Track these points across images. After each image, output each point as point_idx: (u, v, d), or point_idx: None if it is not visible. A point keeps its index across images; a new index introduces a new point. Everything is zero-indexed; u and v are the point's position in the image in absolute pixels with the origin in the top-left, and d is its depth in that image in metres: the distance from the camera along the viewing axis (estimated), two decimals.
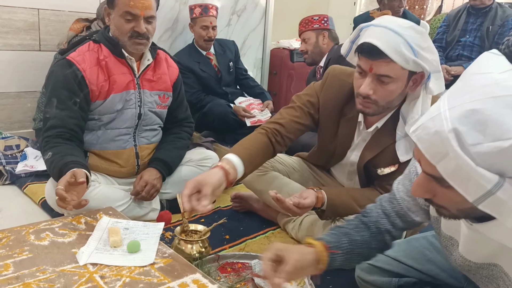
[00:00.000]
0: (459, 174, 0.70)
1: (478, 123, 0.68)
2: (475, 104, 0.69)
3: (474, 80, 0.72)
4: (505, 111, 0.67)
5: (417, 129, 0.76)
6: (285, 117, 1.64)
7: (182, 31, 3.73)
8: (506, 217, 0.72)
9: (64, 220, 1.51)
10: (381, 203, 1.19)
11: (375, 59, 1.37)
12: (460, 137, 0.69)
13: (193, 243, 1.52)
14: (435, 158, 0.73)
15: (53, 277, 1.17)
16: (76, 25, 2.86)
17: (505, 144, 0.66)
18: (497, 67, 0.73)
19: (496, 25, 3.41)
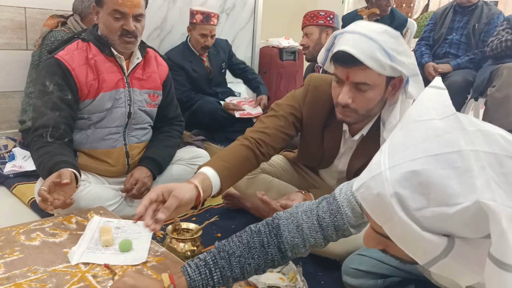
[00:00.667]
0: (406, 239, 0.66)
1: (420, 186, 0.62)
2: (416, 164, 0.63)
3: (415, 129, 0.67)
4: (447, 172, 0.61)
5: (360, 188, 0.70)
6: (270, 126, 1.58)
7: (171, 30, 3.72)
8: (458, 277, 0.68)
9: (54, 220, 1.50)
10: (317, 213, 1.09)
11: (350, 67, 1.34)
12: (403, 202, 0.63)
13: (185, 241, 1.52)
14: (381, 220, 0.68)
15: (45, 277, 1.16)
16: (51, 21, 2.82)
17: (450, 211, 0.61)
18: (439, 109, 0.67)
19: (482, 23, 3.45)
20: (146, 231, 1.43)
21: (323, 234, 1.08)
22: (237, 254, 1.05)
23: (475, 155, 0.61)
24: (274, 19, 4.59)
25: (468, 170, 0.60)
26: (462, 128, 0.63)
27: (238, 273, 1.05)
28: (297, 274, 1.46)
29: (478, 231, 0.62)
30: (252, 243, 1.07)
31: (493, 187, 0.59)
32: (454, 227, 0.62)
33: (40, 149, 1.65)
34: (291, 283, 1.43)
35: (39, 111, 1.71)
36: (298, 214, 1.10)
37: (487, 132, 0.64)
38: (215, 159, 1.45)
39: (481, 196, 0.59)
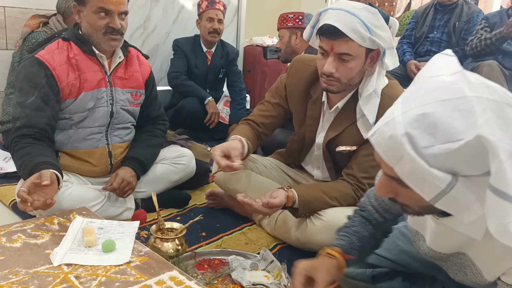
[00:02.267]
0: (414, 176, 0.74)
1: (429, 126, 0.71)
2: (426, 108, 0.72)
3: (425, 83, 0.76)
4: (453, 114, 0.70)
5: (374, 133, 0.79)
6: (255, 113, 1.84)
7: (154, 29, 3.70)
8: (461, 213, 0.75)
9: (36, 222, 1.48)
10: (369, 198, 1.24)
11: (335, 39, 1.47)
12: (413, 141, 0.72)
13: (169, 241, 1.52)
14: (392, 161, 0.76)
15: (27, 279, 1.15)
16: (32, 21, 2.78)
17: (454, 146, 0.69)
18: (447, 69, 0.75)
19: (462, 21, 3.50)
20: (129, 231, 1.44)
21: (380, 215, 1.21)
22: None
23: (478, 100, 0.70)
24: (258, 18, 4.59)
25: (470, 112, 0.69)
26: (467, 80, 0.72)
27: None
28: (282, 272, 1.47)
29: (479, 167, 0.70)
30: None
31: (493, 125, 0.68)
32: (457, 163, 0.70)
33: (21, 150, 1.62)
34: (276, 281, 1.44)
35: (19, 111, 1.68)
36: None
37: (490, 84, 0.72)
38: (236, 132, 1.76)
39: (481, 131, 0.67)
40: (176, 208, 2.08)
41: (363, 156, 1.62)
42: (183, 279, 1.18)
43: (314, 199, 1.61)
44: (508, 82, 2.89)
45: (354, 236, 1.19)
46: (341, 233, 1.22)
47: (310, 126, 1.75)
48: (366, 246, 1.20)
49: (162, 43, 3.78)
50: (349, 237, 1.19)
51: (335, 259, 1.14)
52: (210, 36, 3.35)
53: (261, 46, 4.35)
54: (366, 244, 1.20)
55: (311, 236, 1.62)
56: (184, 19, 3.89)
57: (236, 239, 1.82)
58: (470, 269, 0.98)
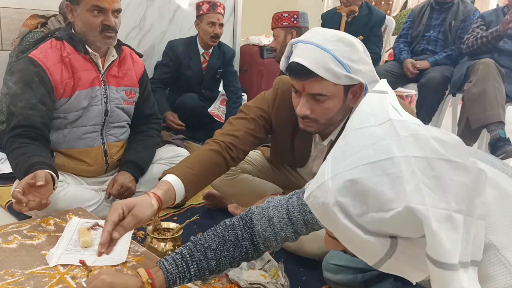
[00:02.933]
0: (353, 243, 0.70)
1: (359, 193, 0.66)
2: (354, 173, 0.67)
3: (354, 138, 0.71)
4: (381, 179, 0.65)
5: (309, 197, 0.73)
6: (240, 129, 1.55)
7: (150, 29, 3.69)
8: (408, 276, 0.71)
9: (32, 222, 1.48)
10: (287, 208, 1.11)
11: (305, 79, 1.33)
12: (344, 209, 0.67)
13: (166, 241, 1.52)
14: (329, 227, 0.72)
15: (23, 280, 1.14)
16: (31, 21, 2.77)
17: (386, 216, 0.64)
18: (377, 116, 0.71)
19: (458, 20, 3.50)
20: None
21: (293, 228, 1.10)
22: (213, 247, 1.07)
23: (405, 161, 0.64)
24: (254, 17, 4.59)
25: (399, 177, 0.64)
26: (396, 134, 0.67)
27: (214, 265, 1.07)
28: (279, 271, 1.47)
29: (416, 232, 0.64)
30: (227, 236, 1.09)
31: (423, 190, 0.62)
32: (394, 229, 0.65)
33: (16, 150, 1.62)
34: (273, 280, 1.43)
35: (13, 111, 1.68)
36: (269, 208, 1.12)
37: (420, 136, 0.66)
38: (181, 165, 1.42)
39: (410, 201, 0.62)
40: (172, 208, 2.08)
41: None
42: None
43: None
44: (504, 80, 2.89)
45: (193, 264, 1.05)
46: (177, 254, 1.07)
47: (300, 156, 1.68)
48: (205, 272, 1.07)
49: (158, 43, 3.77)
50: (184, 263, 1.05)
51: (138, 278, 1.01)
52: (210, 40, 3.31)
53: (258, 45, 4.34)
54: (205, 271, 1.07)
55: (301, 245, 1.61)
56: (180, 19, 3.88)
57: None
58: None
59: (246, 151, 1.57)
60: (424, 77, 3.33)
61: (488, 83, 2.80)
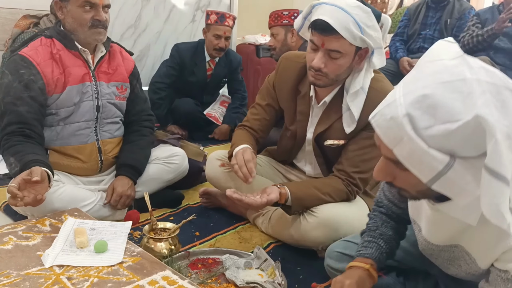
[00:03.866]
0: (413, 157, 0.75)
1: (429, 107, 0.73)
2: (426, 89, 0.73)
3: (426, 67, 0.77)
4: (453, 95, 0.71)
5: (375, 116, 0.80)
6: (249, 118, 1.85)
7: (145, 28, 3.68)
8: (457, 195, 0.77)
9: (28, 223, 1.47)
10: (383, 191, 1.26)
11: (327, 35, 1.47)
12: (413, 121, 0.73)
13: (162, 241, 1.52)
14: (392, 143, 0.77)
15: (18, 281, 1.14)
16: (23, 22, 2.76)
17: (453, 126, 0.71)
18: (448, 54, 0.77)
19: (454, 18, 3.51)
20: (121, 231, 1.43)
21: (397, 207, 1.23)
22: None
23: (477, 82, 0.72)
24: (250, 16, 4.58)
25: (470, 93, 0.71)
26: (468, 64, 0.74)
27: None
28: (276, 270, 1.47)
29: (476, 148, 0.72)
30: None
31: (491, 107, 0.70)
32: (455, 144, 0.72)
33: (11, 148, 1.62)
34: (269, 279, 1.43)
35: (6, 109, 1.68)
36: None
37: (490, 68, 0.75)
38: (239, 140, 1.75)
39: (480, 111, 0.69)
40: (169, 208, 2.07)
41: (353, 151, 1.62)
42: (176, 278, 1.17)
43: (307, 196, 1.61)
44: None
45: (380, 240, 1.20)
46: (367, 238, 1.22)
47: (300, 122, 1.76)
48: (394, 246, 1.22)
49: (153, 42, 3.77)
50: (376, 243, 1.20)
51: (366, 272, 1.15)
52: (215, 52, 3.28)
53: (254, 44, 4.33)
54: (393, 244, 1.21)
55: (305, 233, 1.62)
56: (175, 18, 3.87)
57: (230, 238, 1.82)
58: (464, 260, 0.99)
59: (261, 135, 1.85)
60: None
61: None
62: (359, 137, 1.62)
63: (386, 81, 1.64)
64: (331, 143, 1.66)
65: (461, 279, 1.11)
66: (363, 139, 1.61)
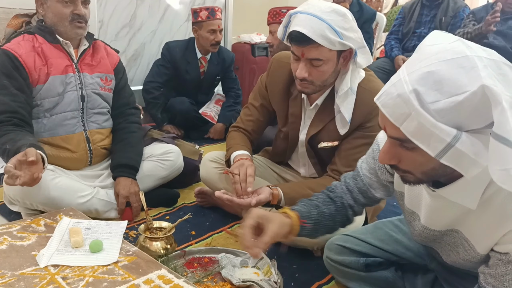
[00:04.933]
0: (421, 131, 0.77)
1: (435, 83, 0.76)
2: (431, 67, 0.76)
3: (428, 49, 0.80)
4: (457, 70, 0.75)
5: (381, 96, 0.83)
6: (242, 119, 1.86)
7: (140, 27, 3.67)
8: (465, 167, 0.78)
9: (22, 223, 1.46)
10: (345, 180, 1.29)
11: (304, 45, 1.48)
12: (420, 97, 0.76)
13: (158, 240, 1.51)
14: (399, 120, 0.80)
15: (13, 281, 1.13)
16: (15, 21, 2.74)
17: (459, 98, 0.74)
18: (447, 39, 0.81)
19: (449, 16, 3.53)
20: (117, 231, 1.42)
21: (352, 196, 1.27)
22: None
23: (478, 58, 0.75)
24: (245, 15, 4.58)
25: (473, 67, 0.74)
26: (467, 45, 0.78)
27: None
28: (272, 268, 1.46)
29: (482, 119, 0.75)
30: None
31: (494, 79, 0.73)
32: (462, 116, 0.75)
33: (3, 136, 1.64)
34: (266, 277, 1.43)
35: None
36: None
37: (488, 49, 0.79)
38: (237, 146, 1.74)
39: (485, 82, 0.72)
40: (165, 207, 2.07)
41: (346, 150, 1.63)
42: (172, 277, 1.17)
43: (300, 196, 1.59)
44: None
45: (313, 208, 1.24)
46: (302, 203, 1.27)
47: (293, 124, 1.76)
48: (322, 222, 1.25)
49: (148, 41, 3.76)
50: (307, 207, 1.24)
51: (290, 219, 1.19)
52: (212, 47, 3.27)
53: (249, 43, 4.33)
54: (322, 220, 1.24)
55: None
56: (170, 17, 3.86)
57: (225, 237, 1.82)
58: (463, 247, 1.00)
59: (255, 136, 1.86)
60: None
61: None
62: (352, 136, 1.62)
63: (378, 81, 1.64)
64: (325, 145, 1.66)
65: (459, 273, 1.12)
66: (356, 138, 1.61)
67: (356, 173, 1.28)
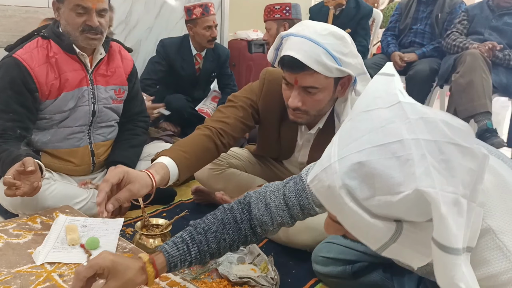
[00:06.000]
0: (358, 227, 0.70)
1: (366, 177, 0.66)
2: (362, 156, 0.66)
3: (362, 121, 0.70)
4: (390, 162, 0.64)
5: (313, 180, 0.73)
6: (230, 116, 1.58)
7: (136, 24, 3.66)
8: (409, 261, 0.72)
9: (18, 221, 1.46)
10: (284, 193, 1.11)
11: (298, 72, 1.35)
12: (351, 193, 0.67)
13: (155, 237, 1.51)
14: (334, 210, 0.72)
15: (9, 279, 1.13)
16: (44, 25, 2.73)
17: (394, 199, 0.64)
18: (385, 99, 0.70)
19: (445, 12, 3.52)
20: (113, 228, 1.42)
21: (289, 213, 1.10)
22: (213, 230, 1.07)
23: (415, 144, 0.64)
24: (242, 11, 4.57)
25: (408, 159, 0.63)
26: (405, 117, 0.66)
27: (214, 248, 1.06)
28: (269, 265, 1.47)
29: (422, 216, 0.65)
30: (226, 219, 1.09)
31: (433, 174, 0.62)
32: (400, 213, 0.65)
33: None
34: (262, 274, 1.43)
35: None
36: (266, 193, 1.12)
37: (430, 119, 0.66)
38: (174, 148, 1.42)
39: (420, 184, 0.61)
40: (161, 205, 2.06)
41: None
42: (168, 274, 1.17)
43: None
44: (491, 71, 2.91)
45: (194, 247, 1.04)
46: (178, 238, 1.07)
47: (286, 146, 1.69)
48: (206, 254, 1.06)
49: (144, 38, 3.74)
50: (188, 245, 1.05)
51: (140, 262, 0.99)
52: (209, 44, 3.25)
53: (246, 40, 4.32)
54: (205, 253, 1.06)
55: (292, 237, 1.61)
56: (166, 14, 3.85)
57: None
58: None
59: (236, 137, 1.58)
60: (411, 69, 3.35)
61: (475, 74, 2.82)
62: None
63: None
64: None
65: None
66: None
67: (301, 187, 1.09)
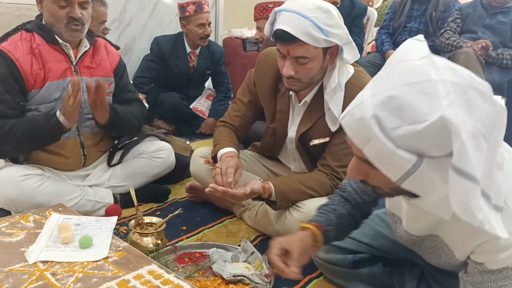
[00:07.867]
0: (382, 157, 0.77)
1: (396, 108, 0.74)
2: (393, 91, 0.75)
3: (394, 68, 0.79)
4: (418, 96, 0.73)
5: (345, 116, 0.82)
6: (230, 115, 1.85)
7: (130, 22, 3.64)
8: (426, 193, 0.78)
9: (11, 220, 1.45)
10: (349, 180, 1.28)
11: (289, 44, 1.47)
12: (380, 122, 0.75)
13: (149, 235, 1.51)
14: (361, 143, 0.79)
15: (1, 278, 1.12)
16: None
17: (419, 127, 0.72)
18: (416, 54, 0.78)
19: (439, 10, 3.53)
20: (106, 227, 1.42)
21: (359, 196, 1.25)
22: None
23: (442, 83, 0.73)
24: (236, 9, 4.55)
25: (435, 94, 0.72)
26: (434, 64, 0.75)
27: None
28: (263, 263, 1.47)
29: (442, 148, 0.73)
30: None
31: (456, 107, 0.70)
32: (422, 144, 0.73)
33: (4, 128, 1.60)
34: (256, 272, 1.43)
35: None
36: None
37: (456, 68, 0.76)
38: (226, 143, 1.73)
39: (445, 112, 0.69)
40: (155, 203, 2.06)
41: (336, 145, 1.62)
42: (162, 272, 1.17)
43: (291, 189, 1.61)
44: (484, 70, 2.93)
45: (331, 213, 1.23)
46: (320, 211, 1.26)
47: (280, 120, 1.75)
48: (344, 223, 1.23)
49: (139, 36, 3.73)
50: (326, 214, 1.23)
51: (309, 231, 1.18)
52: (201, 41, 3.25)
53: (240, 38, 4.32)
54: (343, 221, 1.22)
55: (290, 228, 1.61)
56: (161, 11, 3.84)
57: (216, 232, 1.81)
58: (443, 251, 1.01)
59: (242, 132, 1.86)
60: None
61: None
62: (342, 132, 1.61)
63: (367, 76, 1.63)
64: (316, 143, 1.65)
65: (445, 270, 1.13)
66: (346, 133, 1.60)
67: None
